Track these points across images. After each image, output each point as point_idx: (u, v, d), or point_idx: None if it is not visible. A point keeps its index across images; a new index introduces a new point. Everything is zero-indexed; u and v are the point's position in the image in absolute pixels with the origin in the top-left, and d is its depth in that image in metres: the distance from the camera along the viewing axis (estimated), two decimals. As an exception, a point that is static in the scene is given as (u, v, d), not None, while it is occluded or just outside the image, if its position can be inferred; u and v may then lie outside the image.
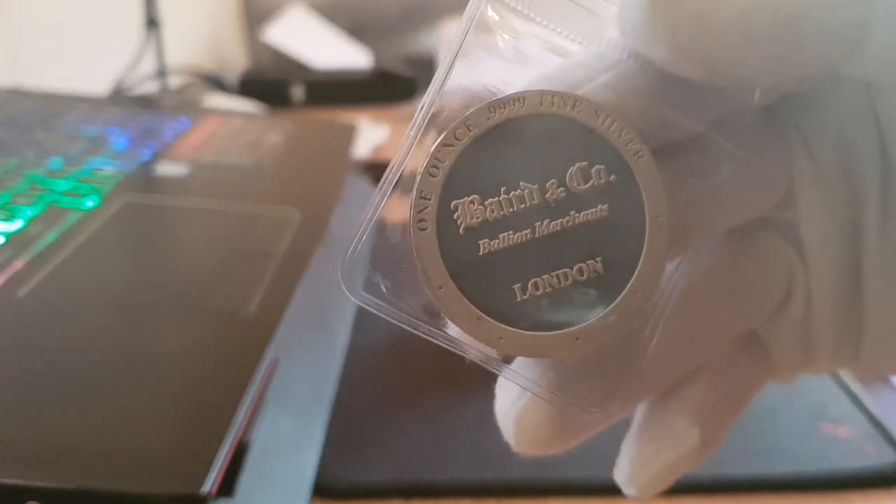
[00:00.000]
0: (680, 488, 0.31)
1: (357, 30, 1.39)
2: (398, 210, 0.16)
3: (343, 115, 0.87)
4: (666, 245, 0.16)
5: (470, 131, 0.15)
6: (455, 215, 0.15)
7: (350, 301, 0.45)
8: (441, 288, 0.15)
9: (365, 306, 0.16)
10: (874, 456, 0.33)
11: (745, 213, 0.18)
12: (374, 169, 0.69)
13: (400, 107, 0.94)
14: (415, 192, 0.15)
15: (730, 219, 0.17)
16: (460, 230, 0.15)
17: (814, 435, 0.34)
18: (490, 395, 0.38)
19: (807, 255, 0.17)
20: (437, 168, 0.15)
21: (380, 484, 0.31)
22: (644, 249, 0.16)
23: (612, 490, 0.31)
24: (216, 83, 0.98)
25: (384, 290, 0.16)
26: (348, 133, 0.61)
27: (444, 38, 1.45)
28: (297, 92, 0.96)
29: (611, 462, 0.32)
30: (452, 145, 0.15)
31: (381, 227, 0.16)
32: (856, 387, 0.38)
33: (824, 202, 0.17)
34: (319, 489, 0.31)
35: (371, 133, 0.80)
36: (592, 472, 0.32)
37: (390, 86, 0.98)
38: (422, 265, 0.15)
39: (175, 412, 0.25)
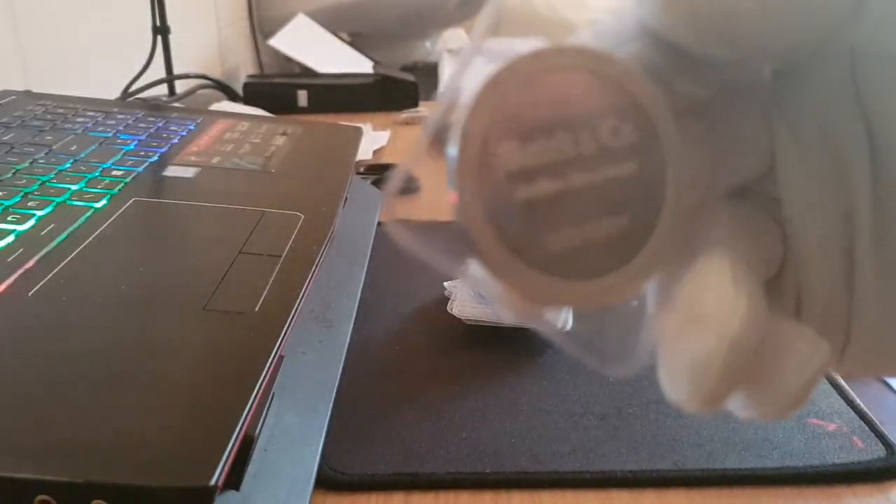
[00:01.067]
0: (670, 482, 0.32)
1: (360, 37, 1.40)
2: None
3: (346, 121, 0.87)
4: (686, 206, 0.16)
5: (513, 76, 0.16)
6: (496, 159, 0.15)
7: (352, 298, 0.45)
8: (480, 231, 0.15)
9: (397, 238, 0.16)
10: (862, 450, 0.33)
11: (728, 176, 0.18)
12: (376, 171, 0.70)
13: (402, 113, 0.94)
14: (458, 133, 0.15)
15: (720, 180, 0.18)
16: (500, 174, 0.15)
17: (802, 430, 0.34)
18: (487, 391, 0.39)
19: (794, 238, 0.17)
20: (481, 111, 0.15)
21: (381, 476, 0.32)
22: (665, 209, 0.16)
23: (605, 483, 0.32)
24: (223, 89, 0.99)
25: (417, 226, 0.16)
26: (353, 135, 0.61)
27: (444, 45, 1.45)
28: (302, 98, 0.97)
29: (603, 456, 0.33)
30: (496, 89, 0.16)
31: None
32: (844, 382, 0.38)
33: (810, 182, 0.17)
34: (322, 482, 0.31)
35: (372, 138, 0.80)
36: (586, 465, 0.32)
37: (393, 91, 0.99)
38: (462, 207, 0.15)
39: (183, 408, 0.25)
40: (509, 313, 0.17)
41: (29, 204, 0.39)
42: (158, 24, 0.92)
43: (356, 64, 1.22)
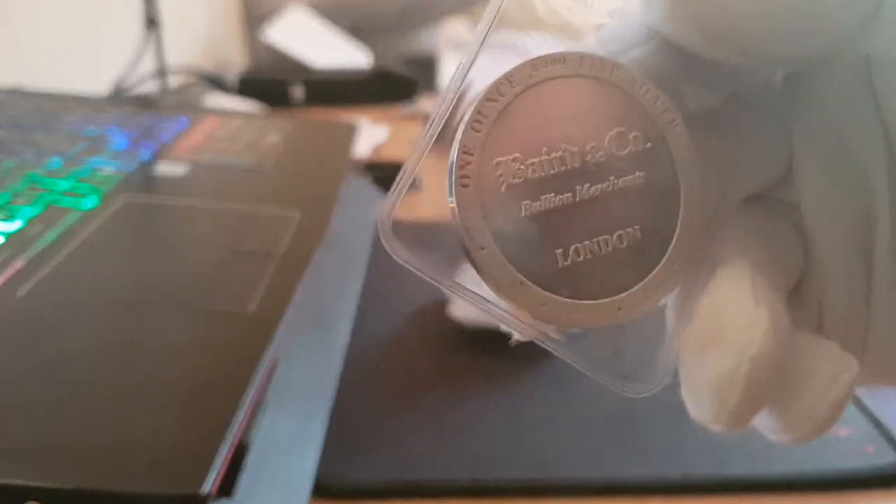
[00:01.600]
0: (679, 489, 0.31)
1: (356, 30, 1.39)
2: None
3: (343, 116, 0.87)
4: (700, 216, 0.16)
5: (512, 87, 0.15)
6: (497, 173, 0.15)
7: (350, 300, 0.45)
8: (483, 249, 0.15)
9: (404, 264, 0.16)
10: (874, 456, 0.33)
11: (747, 182, 0.17)
12: (374, 169, 0.69)
13: (400, 107, 0.94)
14: (457, 146, 0.15)
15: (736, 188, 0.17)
16: (502, 189, 0.15)
17: (813, 435, 0.34)
18: (489, 396, 0.38)
19: (814, 244, 0.17)
20: (481, 123, 0.15)
21: (379, 484, 0.31)
22: (679, 220, 0.16)
23: (612, 490, 0.31)
24: (216, 83, 0.98)
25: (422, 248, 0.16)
26: (348, 133, 0.61)
27: (443, 37, 1.45)
28: (297, 92, 0.96)
29: (607, 462, 0.32)
30: (496, 100, 0.15)
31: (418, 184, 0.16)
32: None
33: (830, 188, 0.17)
34: (319, 489, 0.31)
35: (370, 133, 0.80)
36: (590, 472, 0.32)
37: (390, 86, 0.98)
38: (464, 223, 0.15)
39: (175, 412, 0.25)
40: (517, 333, 0.16)
41: (18, 202, 0.39)
42: (150, 17, 0.91)
43: (353, 57, 1.21)
